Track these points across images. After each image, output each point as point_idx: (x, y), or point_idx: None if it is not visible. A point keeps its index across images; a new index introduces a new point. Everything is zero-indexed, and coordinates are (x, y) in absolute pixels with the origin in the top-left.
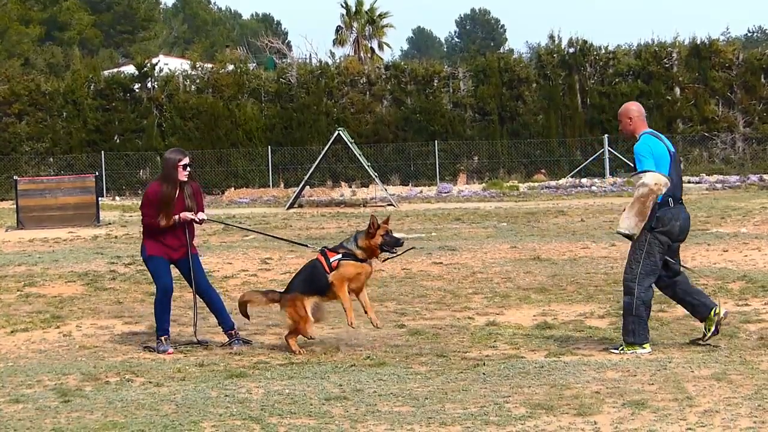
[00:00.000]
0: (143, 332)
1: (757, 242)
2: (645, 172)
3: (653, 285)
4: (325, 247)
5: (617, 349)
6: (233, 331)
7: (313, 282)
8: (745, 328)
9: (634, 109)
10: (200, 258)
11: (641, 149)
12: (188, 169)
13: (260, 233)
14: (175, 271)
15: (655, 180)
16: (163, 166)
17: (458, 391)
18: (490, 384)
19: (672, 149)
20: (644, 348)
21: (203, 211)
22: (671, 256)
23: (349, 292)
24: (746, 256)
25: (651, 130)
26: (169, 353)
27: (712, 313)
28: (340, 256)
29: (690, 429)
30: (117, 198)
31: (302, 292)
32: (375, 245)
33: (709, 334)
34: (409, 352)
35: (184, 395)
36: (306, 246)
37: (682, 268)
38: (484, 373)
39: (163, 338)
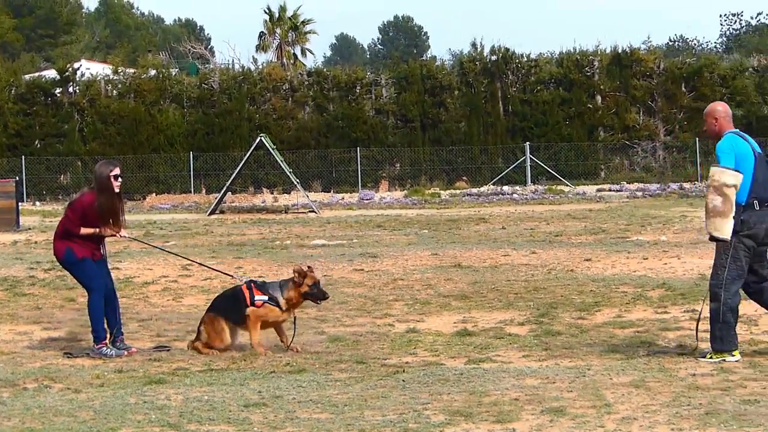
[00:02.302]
0: (62, 338)
1: (677, 250)
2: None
3: (740, 291)
4: (252, 280)
5: (705, 356)
6: (122, 338)
7: (232, 310)
8: (664, 335)
9: (720, 109)
10: (120, 263)
11: (723, 146)
12: (120, 179)
13: (187, 259)
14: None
15: (712, 172)
16: (96, 179)
17: (378, 398)
18: (410, 391)
19: (758, 150)
20: (734, 356)
21: None
22: (758, 261)
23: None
24: (666, 264)
25: (737, 130)
26: (132, 351)
27: (732, 351)
28: (266, 298)
29: None
30: (37, 203)
31: (223, 316)
32: (299, 294)
33: (708, 352)
34: (329, 359)
35: (102, 402)
36: (231, 276)
37: None
38: (403, 380)
39: (105, 343)
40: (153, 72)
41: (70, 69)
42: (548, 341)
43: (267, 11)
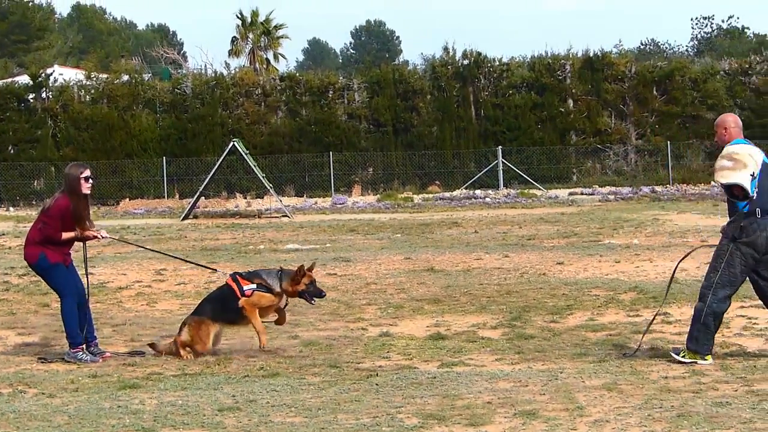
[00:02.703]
0: (36, 343)
1: (649, 254)
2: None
3: (730, 299)
4: (237, 273)
5: (678, 354)
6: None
7: (224, 309)
8: (636, 338)
9: (730, 120)
10: (94, 268)
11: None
12: (90, 181)
13: (171, 256)
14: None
15: (732, 151)
16: (66, 181)
17: (351, 402)
18: (383, 394)
19: (766, 161)
20: (706, 360)
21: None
22: (765, 267)
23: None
24: (638, 267)
25: (746, 140)
26: (106, 356)
27: (705, 356)
28: (254, 286)
29: None
30: (11, 209)
31: (211, 319)
32: (296, 291)
33: (682, 350)
34: (303, 363)
35: (77, 406)
36: (215, 270)
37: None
38: (377, 384)
39: (81, 348)
40: (126, 77)
41: (43, 74)
42: (521, 345)
43: (239, 16)
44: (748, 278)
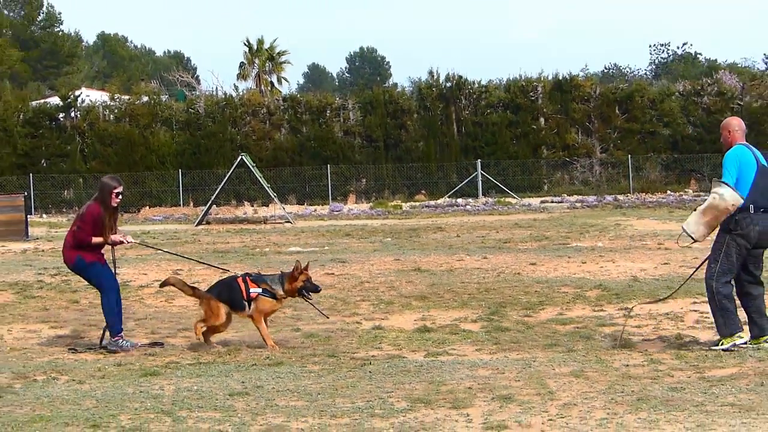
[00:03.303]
0: (67, 335)
1: (612, 255)
2: (726, 185)
3: (732, 282)
4: (248, 273)
5: (717, 345)
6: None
7: (228, 295)
8: (601, 330)
9: (734, 123)
10: (119, 269)
11: (729, 159)
12: (120, 197)
13: (190, 259)
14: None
15: (733, 200)
16: (100, 190)
17: (347, 387)
18: (376, 381)
19: (763, 162)
20: (741, 337)
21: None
22: (754, 262)
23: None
24: (602, 267)
25: (746, 143)
26: (136, 347)
27: (763, 339)
28: (260, 291)
29: (551, 420)
30: (44, 215)
31: (218, 298)
32: (295, 288)
33: (755, 342)
34: (304, 353)
35: (103, 392)
36: (227, 271)
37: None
38: (370, 371)
39: (121, 336)
40: (145, 98)
41: (72, 96)
42: (498, 336)
43: (247, 44)
44: None
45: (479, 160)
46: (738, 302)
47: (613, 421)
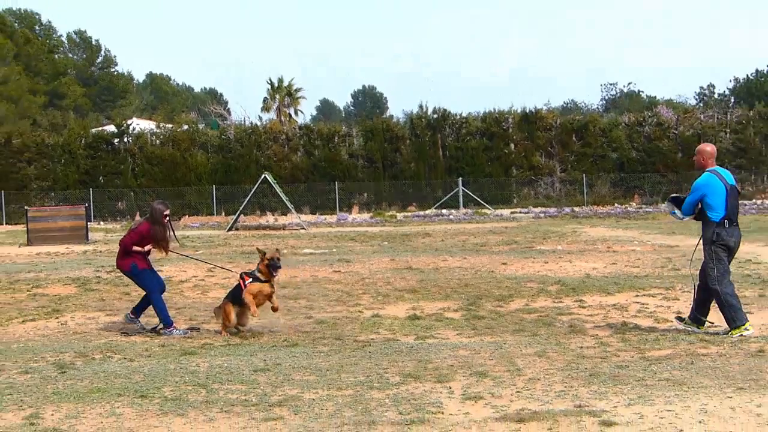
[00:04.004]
0: (120, 322)
1: (569, 256)
2: (679, 211)
3: (731, 280)
4: (243, 272)
5: (727, 334)
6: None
7: (235, 297)
8: (560, 318)
9: (707, 150)
10: (163, 266)
11: (697, 185)
12: (168, 218)
13: (204, 261)
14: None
15: (673, 216)
16: (152, 213)
17: (351, 365)
18: (374, 359)
19: (730, 183)
20: (748, 329)
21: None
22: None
23: (261, 297)
24: (561, 266)
25: (717, 168)
26: (188, 333)
27: (702, 326)
28: (251, 279)
29: (518, 392)
30: (101, 223)
31: (231, 302)
32: (265, 268)
33: (682, 325)
34: (315, 336)
35: (149, 368)
36: (230, 270)
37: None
38: (369, 352)
39: (173, 326)
40: (186, 127)
41: (125, 125)
42: (475, 323)
43: (269, 82)
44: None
45: (460, 178)
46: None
47: (569, 392)
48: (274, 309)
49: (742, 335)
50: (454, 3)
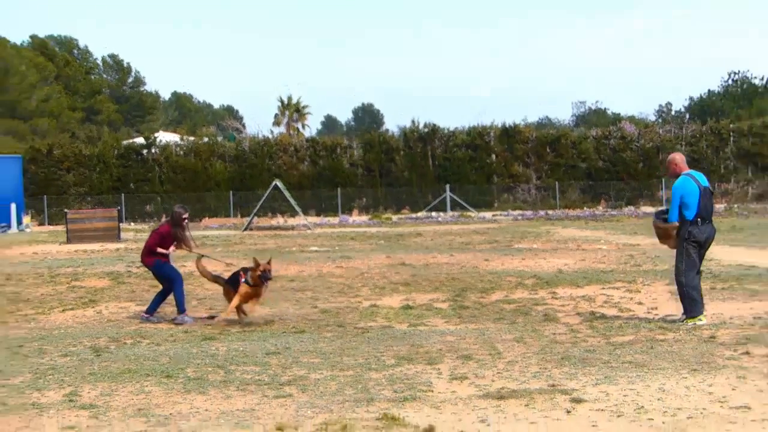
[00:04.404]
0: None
1: (544, 254)
2: (654, 216)
3: (697, 274)
4: (244, 268)
5: (683, 322)
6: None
7: (234, 284)
8: (535, 308)
9: (677, 157)
10: (185, 263)
11: (674, 188)
12: (186, 220)
13: (215, 258)
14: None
15: (666, 226)
16: (173, 216)
17: (352, 349)
18: (372, 344)
19: (704, 185)
20: (701, 320)
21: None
22: (698, 258)
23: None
24: (536, 262)
25: (690, 171)
26: (195, 321)
27: (699, 318)
28: (245, 279)
29: (499, 372)
30: (132, 224)
31: (232, 288)
32: (257, 276)
33: (690, 323)
34: (320, 324)
35: (174, 351)
36: (233, 264)
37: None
38: (368, 337)
39: (186, 313)
40: (206, 139)
41: (152, 137)
42: (461, 312)
43: (279, 100)
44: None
45: (448, 184)
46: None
47: (544, 373)
48: (249, 311)
49: (695, 324)
50: (441, 34)
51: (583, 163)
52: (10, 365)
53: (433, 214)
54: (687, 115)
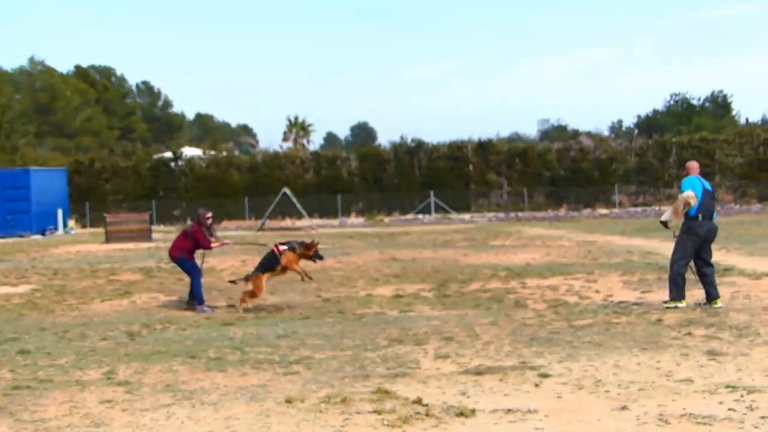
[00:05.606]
0: (175, 300)
1: (514, 250)
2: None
3: (689, 265)
4: (276, 243)
5: (665, 303)
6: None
7: (267, 264)
8: (508, 296)
9: (693, 165)
10: (207, 259)
11: (685, 182)
12: (210, 219)
13: (250, 244)
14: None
15: (685, 195)
16: (198, 216)
17: (350, 332)
18: (368, 328)
19: (708, 188)
20: (681, 303)
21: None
22: (705, 252)
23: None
24: (508, 257)
25: (699, 176)
26: (214, 310)
27: (715, 301)
28: (286, 247)
29: (477, 351)
30: (161, 226)
31: (261, 272)
32: (309, 254)
33: (708, 304)
34: (324, 310)
35: (198, 335)
36: (265, 245)
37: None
38: (364, 322)
39: (205, 304)
40: (225, 153)
41: (179, 152)
42: (444, 300)
43: (288, 119)
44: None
45: (432, 191)
46: (698, 279)
47: (515, 352)
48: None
49: (676, 306)
50: (425, 62)
51: (547, 172)
52: (57, 348)
53: (420, 216)
54: (636, 131)
